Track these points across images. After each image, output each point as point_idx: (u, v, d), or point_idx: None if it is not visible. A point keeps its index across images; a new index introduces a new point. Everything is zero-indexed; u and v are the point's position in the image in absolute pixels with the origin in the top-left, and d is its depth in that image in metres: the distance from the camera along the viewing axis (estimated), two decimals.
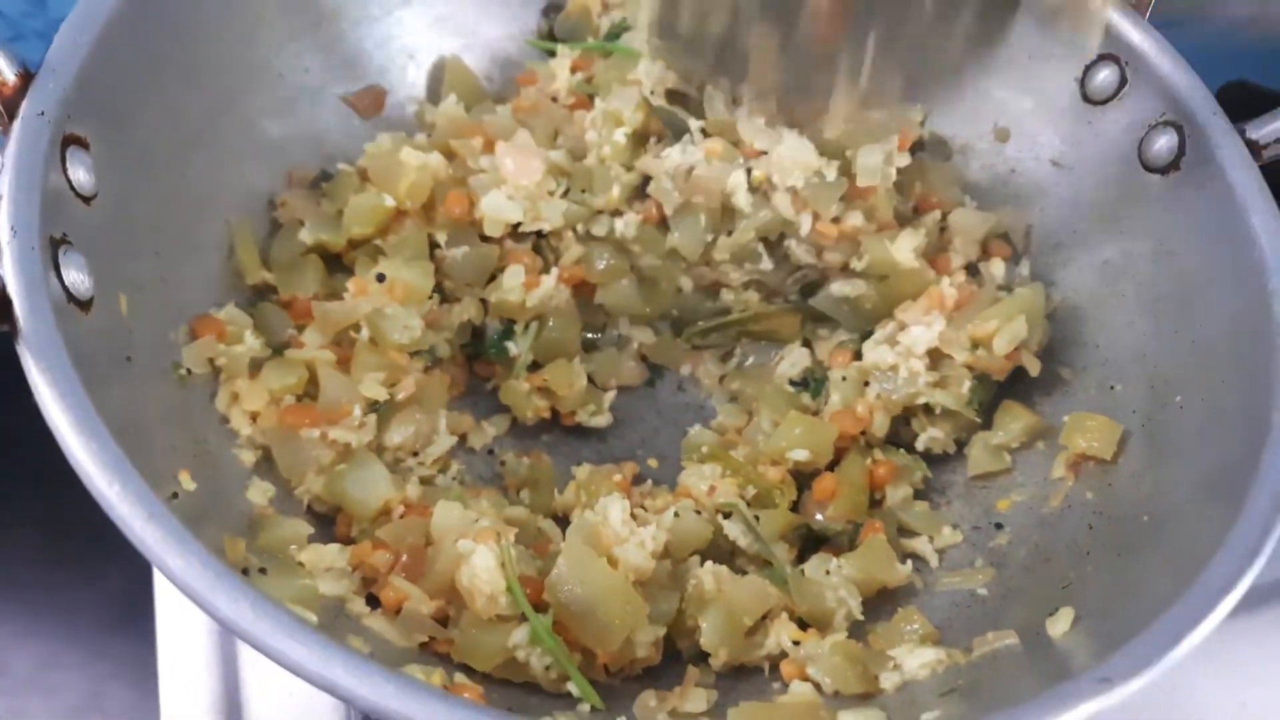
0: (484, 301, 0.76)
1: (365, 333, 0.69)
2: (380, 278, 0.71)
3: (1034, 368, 0.74)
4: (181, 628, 0.72)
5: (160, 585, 0.74)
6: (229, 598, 0.42)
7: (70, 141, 0.56)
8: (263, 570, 0.52)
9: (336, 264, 0.75)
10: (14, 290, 0.49)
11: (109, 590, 0.79)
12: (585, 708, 0.57)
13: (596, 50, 0.82)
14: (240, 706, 0.70)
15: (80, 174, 0.56)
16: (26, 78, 0.55)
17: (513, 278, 0.74)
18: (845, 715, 0.55)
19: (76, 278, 0.53)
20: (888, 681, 0.59)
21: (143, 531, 0.43)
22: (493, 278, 0.76)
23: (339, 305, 0.70)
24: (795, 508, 0.71)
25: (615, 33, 0.82)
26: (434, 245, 0.75)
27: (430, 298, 0.72)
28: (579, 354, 0.78)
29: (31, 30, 0.85)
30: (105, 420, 0.47)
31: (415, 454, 0.70)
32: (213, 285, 0.69)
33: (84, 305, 0.53)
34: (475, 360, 0.78)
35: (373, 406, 0.67)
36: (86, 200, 0.57)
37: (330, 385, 0.66)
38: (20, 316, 0.48)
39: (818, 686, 0.59)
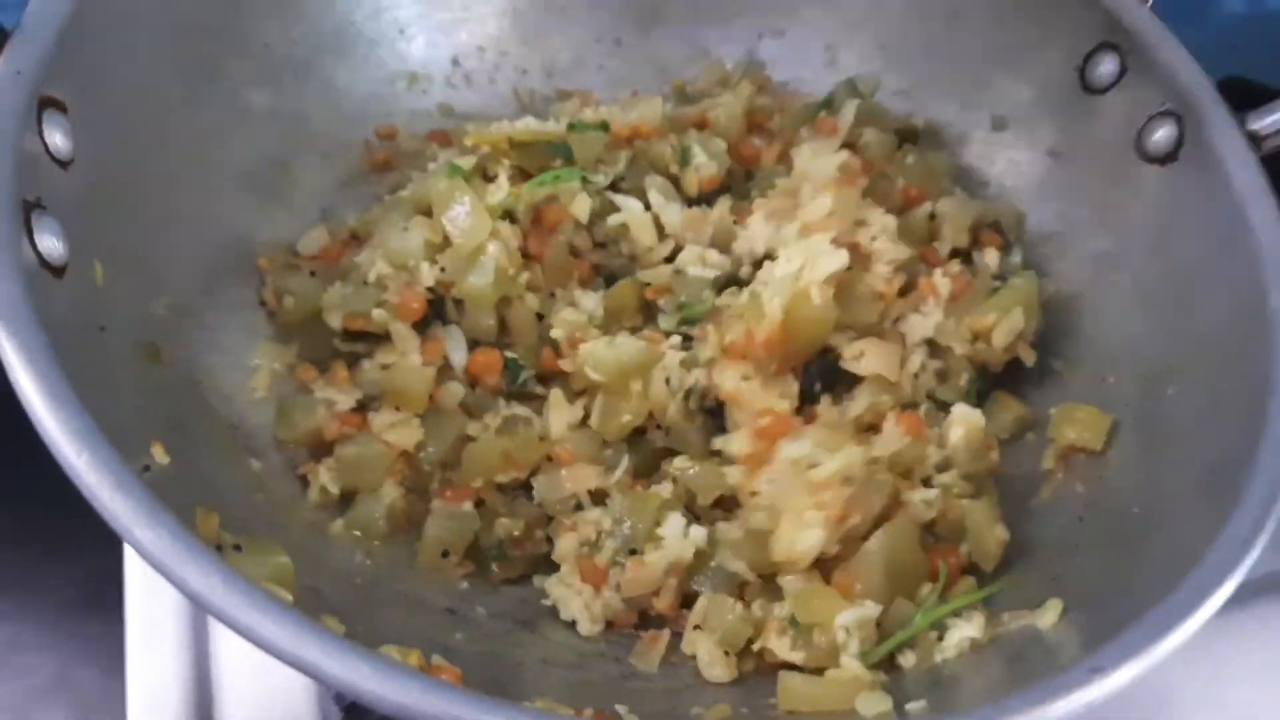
0: None
1: None
2: None
3: (1029, 358, 0.73)
4: (151, 610, 0.71)
5: (130, 566, 0.73)
6: (200, 571, 0.41)
7: (47, 103, 0.54)
8: (237, 547, 0.50)
9: None
10: None
11: (78, 571, 0.78)
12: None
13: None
14: (210, 689, 0.69)
15: (57, 138, 0.55)
16: (3, 37, 0.53)
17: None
18: (861, 701, 0.54)
19: (50, 243, 0.52)
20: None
21: (110, 501, 0.42)
22: None
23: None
24: None
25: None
26: None
27: None
28: None
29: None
30: (75, 389, 0.46)
31: None
32: (193, 260, 0.67)
33: (57, 272, 0.52)
34: None
35: None
36: (63, 165, 0.55)
37: None
38: None
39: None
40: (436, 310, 0.70)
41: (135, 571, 0.72)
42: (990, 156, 0.84)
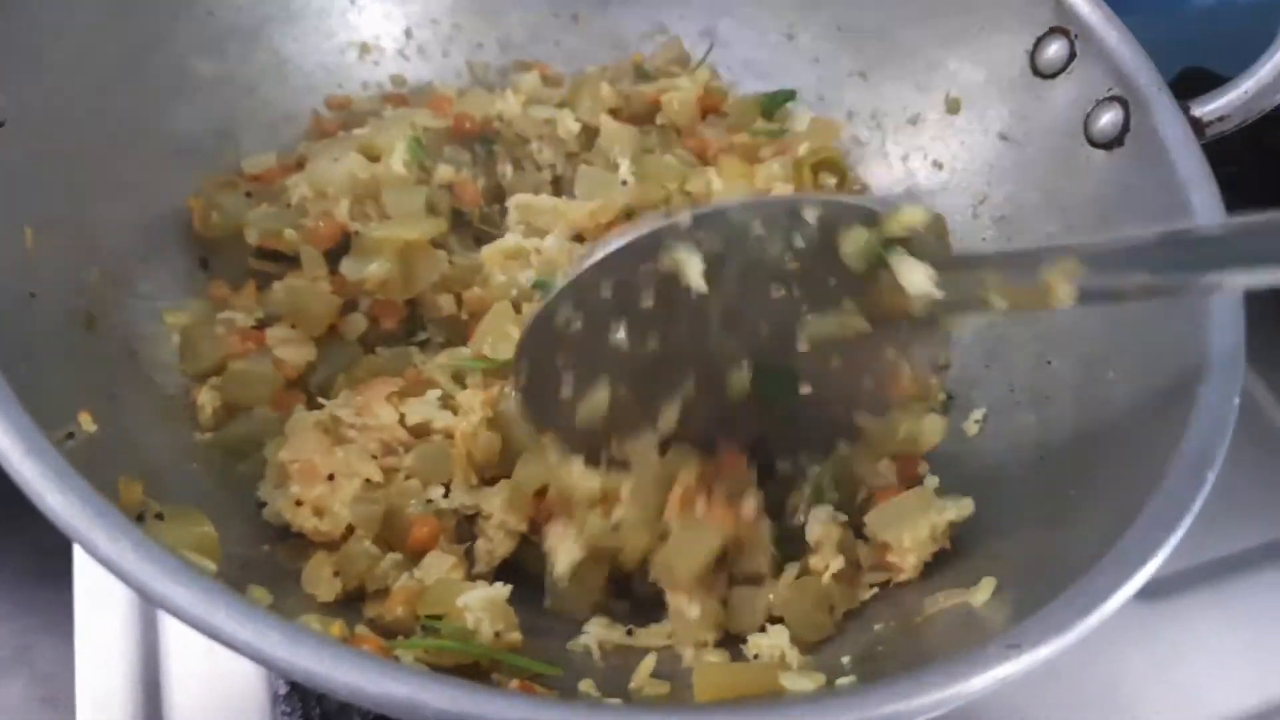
0: None
1: None
2: None
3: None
4: (100, 582, 0.71)
5: None
6: (109, 537, 0.40)
7: None
8: (159, 516, 0.50)
9: None
10: None
11: (37, 542, 0.77)
12: None
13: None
14: (158, 661, 0.69)
15: None
16: None
17: None
18: (786, 678, 0.54)
19: None
20: None
21: (20, 466, 0.42)
22: None
23: None
24: None
25: None
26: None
27: None
28: None
29: None
30: None
31: None
32: (132, 229, 0.67)
33: None
34: None
35: None
36: None
37: None
38: None
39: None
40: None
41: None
42: (945, 139, 0.84)
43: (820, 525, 0.64)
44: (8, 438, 0.42)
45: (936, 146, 0.84)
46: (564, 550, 0.60)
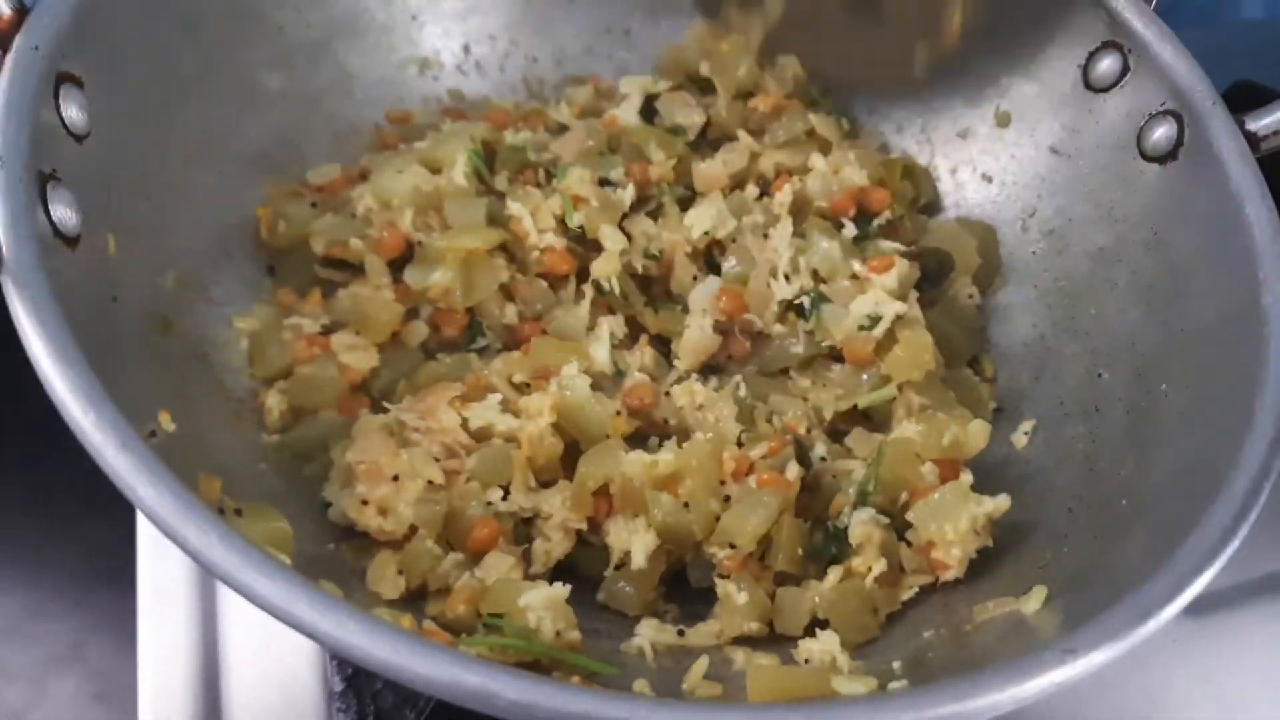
0: None
1: None
2: None
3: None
4: (161, 580, 0.73)
5: (142, 538, 0.74)
6: (197, 529, 0.42)
7: (64, 79, 0.56)
8: (238, 512, 0.52)
9: None
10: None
11: (92, 542, 0.80)
12: None
13: None
14: (218, 658, 0.71)
15: (73, 112, 0.56)
16: (22, 12, 0.55)
17: None
18: (838, 682, 0.55)
19: (64, 214, 0.53)
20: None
21: (115, 460, 0.43)
22: None
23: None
24: None
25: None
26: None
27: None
28: None
29: None
30: (84, 353, 0.47)
31: None
32: (204, 236, 0.69)
33: (70, 242, 0.53)
34: None
35: None
36: (78, 139, 0.57)
37: None
38: (4, 246, 0.48)
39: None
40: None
41: (147, 543, 0.74)
42: (994, 152, 0.84)
43: (862, 527, 0.64)
44: (101, 433, 0.44)
45: (986, 160, 0.84)
46: (638, 540, 0.62)
